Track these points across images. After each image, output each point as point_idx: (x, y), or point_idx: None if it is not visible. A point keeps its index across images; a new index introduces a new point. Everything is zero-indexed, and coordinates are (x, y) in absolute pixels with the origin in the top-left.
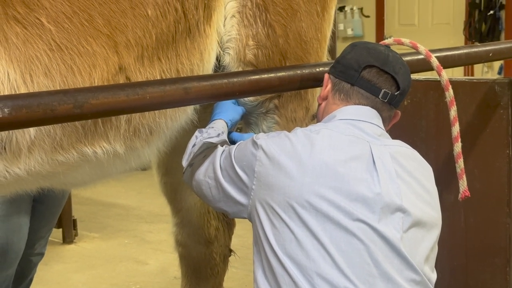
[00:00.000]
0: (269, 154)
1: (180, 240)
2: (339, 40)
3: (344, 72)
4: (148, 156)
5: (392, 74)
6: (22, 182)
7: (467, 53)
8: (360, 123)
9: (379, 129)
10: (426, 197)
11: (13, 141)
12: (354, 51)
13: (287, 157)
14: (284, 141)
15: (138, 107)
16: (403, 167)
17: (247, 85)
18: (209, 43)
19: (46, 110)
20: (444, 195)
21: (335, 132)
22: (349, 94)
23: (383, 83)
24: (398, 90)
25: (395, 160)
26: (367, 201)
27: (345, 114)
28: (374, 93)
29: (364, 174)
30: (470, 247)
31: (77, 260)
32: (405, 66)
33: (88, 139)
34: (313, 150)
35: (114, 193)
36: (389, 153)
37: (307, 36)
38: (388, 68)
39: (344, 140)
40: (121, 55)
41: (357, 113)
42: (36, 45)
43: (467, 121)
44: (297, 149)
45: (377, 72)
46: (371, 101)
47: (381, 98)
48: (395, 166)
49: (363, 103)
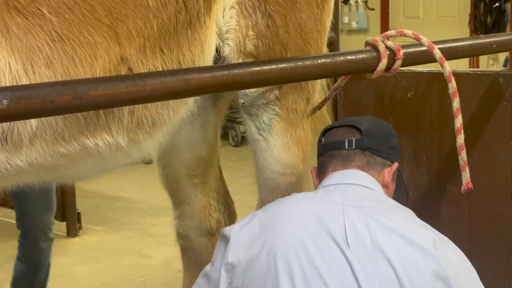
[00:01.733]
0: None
1: (181, 232)
2: (343, 33)
3: (317, 153)
4: (149, 149)
5: (351, 124)
6: (24, 175)
7: (470, 45)
8: (343, 187)
9: (364, 189)
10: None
11: (15, 132)
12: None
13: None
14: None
15: (138, 99)
16: (383, 226)
17: (248, 76)
18: (209, 34)
19: (45, 101)
20: (447, 187)
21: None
22: (324, 164)
23: (343, 135)
24: (362, 135)
25: (372, 220)
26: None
27: (330, 180)
28: (339, 147)
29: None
30: (473, 240)
31: (81, 253)
32: (373, 119)
33: (90, 130)
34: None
35: (118, 186)
36: (366, 213)
37: (307, 27)
38: (346, 122)
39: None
40: (123, 46)
41: (340, 178)
42: (38, 35)
43: (471, 113)
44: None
45: (336, 130)
46: (342, 157)
47: (347, 148)
48: (372, 227)
49: (335, 162)
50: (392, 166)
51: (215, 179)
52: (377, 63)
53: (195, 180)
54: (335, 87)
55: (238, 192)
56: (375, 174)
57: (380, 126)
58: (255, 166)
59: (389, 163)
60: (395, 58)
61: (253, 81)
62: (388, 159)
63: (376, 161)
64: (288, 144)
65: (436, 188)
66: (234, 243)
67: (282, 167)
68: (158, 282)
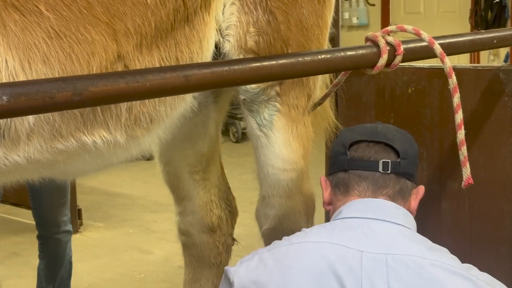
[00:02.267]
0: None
1: (183, 229)
2: (344, 29)
3: (335, 163)
4: (148, 144)
5: (384, 141)
6: (23, 171)
7: (471, 40)
8: (367, 223)
9: (391, 226)
10: None
11: (12, 128)
12: (338, 138)
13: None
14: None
15: (138, 95)
16: (406, 282)
17: (248, 72)
18: (208, 31)
19: (45, 97)
20: (448, 183)
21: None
22: (347, 183)
23: (378, 154)
24: (398, 156)
25: (394, 274)
26: None
27: (351, 210)
28: (372, 168)
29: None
30: (474, 235)
31: (82, 249)
32: (400, 132)
33: (87, 127)
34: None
35: (119, 182)
36: (387, 265)
37: (308, 23)
38: (378, 137)
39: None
40: (120, 43)
41: (364, 209)
42: (35, 32)
43: (472, 108)
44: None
45: (367, 146)
46: (372, 180)
47: (382, 171)
48: (393, 282)
49: (364, 186)
50: (419, 190)
51: (217, 176)
52: (378, 59)
53: (197, 176)
54: (336, 82)
55: (239, 188)
56: (403, 202)
57: (411, 143)
58: (256, 162)
59: (415, 186)
60: (395, 54)
61: (254, 77)
62: (415, 182)
63: (407, 188)
64: (289, 140)
65: (437, 183)
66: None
67: (283, 163)
68: (159, 278)
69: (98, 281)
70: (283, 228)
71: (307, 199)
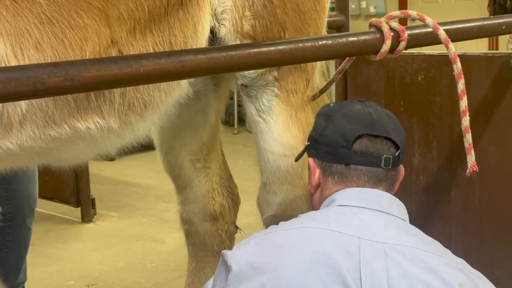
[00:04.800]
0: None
1: (185, 217)
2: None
3: (331, 153)
4: (142, 131)
5: (384, 135)
6: (16, 158)
7: (479, 26)
8: (363, 212)
9: (386, 216)
10: None
11: (5, 115)
12: (331, 124)
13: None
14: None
15: (132, 81)
16: (403, 269)
17: (246, 58)
18: (202, 15)
19: (36, 83)
20: (458, 171)
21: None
22: (345, 175)
23: (380, 149)
24: (397, 149)
25: (391, 261)
26: None
27: (346, 198)
28: (375, 164)
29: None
30: (484, 224)
31: (95, 238)
32: (389, 115)
33: (81, 113)
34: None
35: (134, 172)
36: (385, 252)
37: (305, 7)
38: (378, 130)
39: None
40: (113, 28)
41: (360, 198)
42: (27, 18)
43: (482, 96)
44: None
45: (370, 140)
46: (373, 175)
47: (384, 167)
48: (390, 269)
49: (364, 180)
50: (400, 172)
51: (218, 164)
52: (381, 45)
53: (198, 164)
54: (340, 70)
55: (254, 178)
56: (393, 188)
57: (401, 128)
58: (256, 149)
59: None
60: (399, 40)
61: (252, 63)
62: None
63: (396, 174)
64: (288, 125)
65: (447, 172)
66: (235, 276)
67: (283, 149)
68: (170, 268)
69: (110, 270)
70: (285, 215)
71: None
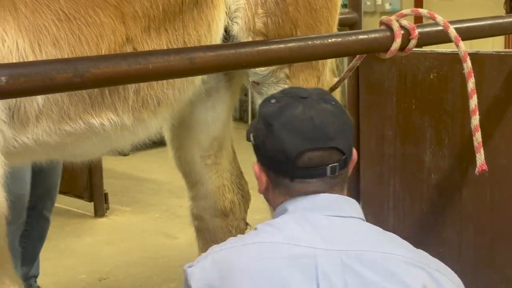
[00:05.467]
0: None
1: (196, 213)
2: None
3: (275, 167)
4: (155, 128)
5: (328, 145)
6: (32, 153)
7: (490, 25)
8: (316, 219)
9: (341, 221)
10: None
11: (21, 110)
12: (272, 136)
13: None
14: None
15: (141, 77)
16: (362, 278)
17: (255, 55)
18: (216, 14)
19: (45, 79)
20: (469, 170)
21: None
22: (292, 188)
23: (325, 160)
24: (343, 154)
25: (349, 271)
26: None
27: (297, 208)
28: (321, 175)
29: None
30: (495, 223)
31: (108, 233)
32: (334, 113)
33: (95, 109)
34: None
35: (148, 168)
36: (342, 262)
37: (317, 5)
38: (321, 141)
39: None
40: (128, 26)
41: (311, 205)
42: (45, 14)
43: (494, 94)
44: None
45: (312, 153)
46: (321, 183)
47: (330, 175)
48: (349, 279)
49: (312, 190)
50: (353, 159)
51: (228, 160)
52: (391, 43)
53: (208, 161)
54: (350, 67)
55: None
56: (345, 185)
57: (347, 123)
58: None
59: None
60: (409, 38)
61: (261, 60)
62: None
63: (348, 169)
64: None
65: (458, 170)
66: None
67: None
68: (182, 263)
69: (122, 265)
70: None
71: None
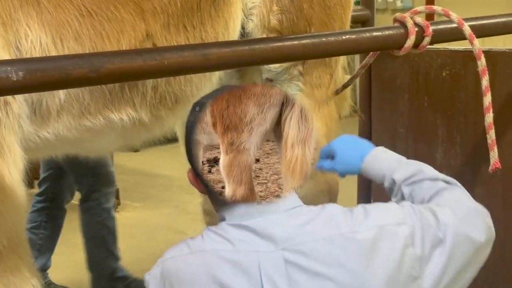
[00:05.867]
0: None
1: (207, 209)
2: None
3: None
4: (172, 125)
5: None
6: (51, 148)
7: (505, 22)
8: (255, 221)
9: (279, 216)
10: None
11: (43, 105)
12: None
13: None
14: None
15: (155, 73)
16: (308, 273)
17: (269, 52)
18: (233, 11)
19: (61, 73)
20: (482, 168)
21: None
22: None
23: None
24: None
25: (293, 269)
26: None
27: (234, 216)
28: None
29: None
30: (508, 221)
31: (119, 228)
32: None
33: (115, 105)
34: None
35: (159, 164)
36: (285, 260)
37: (331, 2)
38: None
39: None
40: (148, 22)
41: (248, 211)
42: (67, 10)
43: (507, 92)
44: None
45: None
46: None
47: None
48: (294, 277)
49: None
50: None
51: None
52: (405, 40)
53: None
54: (363, 64)
55: None
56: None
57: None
58: None
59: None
60: (423, 35)
61: (275, 57)
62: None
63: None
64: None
65: (470, 168)
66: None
67: None
68: None
69: (132, 261)
70: None
71: (330, 179)
